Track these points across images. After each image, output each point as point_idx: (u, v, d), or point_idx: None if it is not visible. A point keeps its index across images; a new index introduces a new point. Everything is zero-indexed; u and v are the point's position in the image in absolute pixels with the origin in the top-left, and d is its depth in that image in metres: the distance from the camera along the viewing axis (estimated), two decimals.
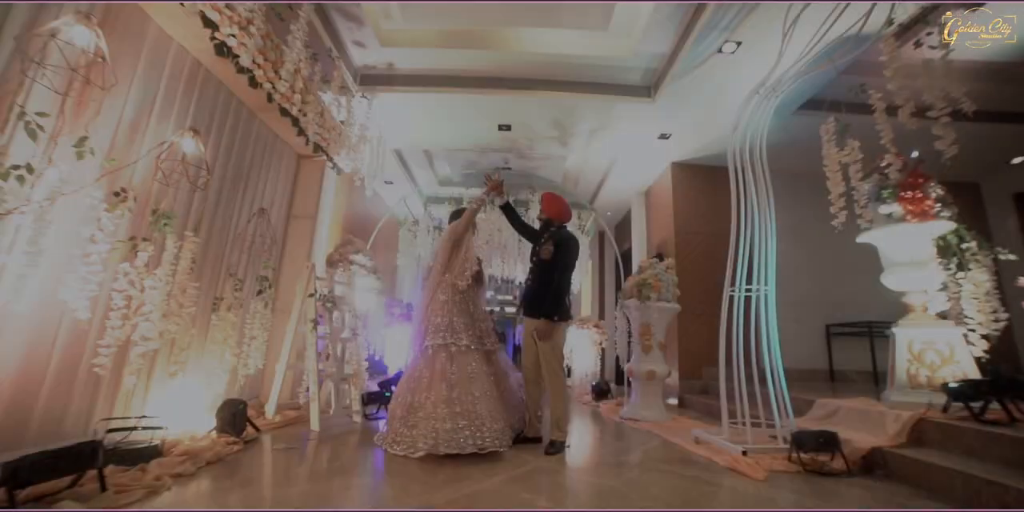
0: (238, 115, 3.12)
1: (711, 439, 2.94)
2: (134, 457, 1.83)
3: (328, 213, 4.25)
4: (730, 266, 3.32)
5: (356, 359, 3.64)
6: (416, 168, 6.73)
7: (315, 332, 3.27)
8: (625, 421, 3.98)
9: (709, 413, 4.45)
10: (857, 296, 5.71)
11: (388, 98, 4.63)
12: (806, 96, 4.50)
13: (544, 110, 4.85)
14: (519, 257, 6.64)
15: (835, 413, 2.95)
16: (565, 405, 2.85)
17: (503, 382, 2.86)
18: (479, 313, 2.91)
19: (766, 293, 3.09)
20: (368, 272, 4.52)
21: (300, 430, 3.12)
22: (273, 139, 3.65)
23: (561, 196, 3.19)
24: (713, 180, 5.93)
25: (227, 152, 3.01)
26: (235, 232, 3.05)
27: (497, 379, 2.81)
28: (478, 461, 2.42)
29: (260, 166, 3.48)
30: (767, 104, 3.26)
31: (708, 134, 5.15)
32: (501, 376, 2.88)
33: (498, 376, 2.83)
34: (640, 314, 4.11)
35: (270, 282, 2.76)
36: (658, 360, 4.14)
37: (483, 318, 2.93)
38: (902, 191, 2.72)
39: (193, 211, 2.68)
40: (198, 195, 2.70)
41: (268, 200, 3.62)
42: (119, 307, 1.85)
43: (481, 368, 2.70)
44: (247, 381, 3.43)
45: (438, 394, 2.52)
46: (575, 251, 2.98)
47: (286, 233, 3.98)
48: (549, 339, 2.87)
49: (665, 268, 4.32)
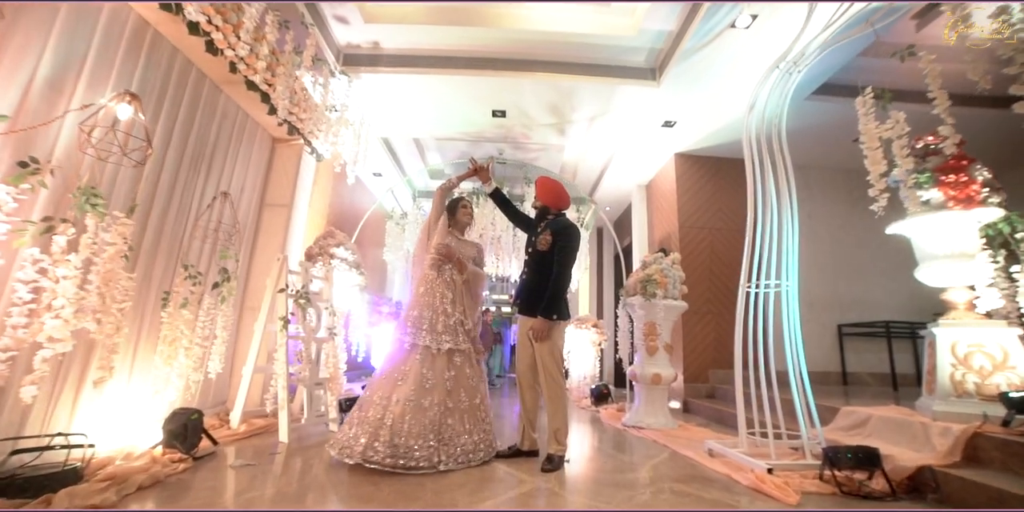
0: (199, 88, 2.78)
1: (727, 452, 2.62)
2: (38, 485, 1.49)
3: (305, 202, 3.90)
4: (747, 260, 3.02)
5: (334, 361, 3.30)
6: (406, 159, 6.39)
7: (286, 331, 2.94)
8: (628, 429, 3.67)
9: (718, 420, 4.15)
10: (870, 294, 5.43)
11: (374, 80, 4.29)
12: (822, 79, 4.20)
13: (541, 94, 4.52)
14: (515, 253, 6.31)
15: (865, 423, 2.64)
16: (564, 414, 2.53)
17: (463, 390, 2.49)
18: (443, 306, 2.55)
19: (788, 289, 2.78)
20: (351, 267, 4.18)
21: (268, 441, 2.78)
22: (243, 119, 3.30)
23: (558, 181, 2.87)
24: (718, 172, 5.63)
25: (185, 128, 2.66)
26: (194, 219, 2.70)
27: (457, 386, 2.47)
28: (464, 481, 2.10)
29: (227, 147, 3.13)
30: (788, 80, 2.95)
31: (715, 121, 4.84)
32: (460, 382, 2.49)
33: (458, 381, 2.47)
34: (645, 313, 3.80)
35: (230, 274, 2.42)
36: (664, 363, 3.83)
37: (448, 312, 2.55)
38: (942, 175, 2.41)
39: (142, 193, 2.34)
40: (147, 175, 2.36)
41: (237, 185, 3.27)
42: (23, 301, 1.51)
43: (436, 370, 2.40)
44: (212, 386, 3.09)
45: (383, 394, 2.33)
46: (576, 241, 2.66)
47: (259, 223, 3.63)
48: (547, 340, 2.54)
49: (671, 263, 4.01)
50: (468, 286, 2.67)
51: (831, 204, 5.80)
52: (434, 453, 2.21)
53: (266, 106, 3.04)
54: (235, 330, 3.40)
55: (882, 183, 2.33)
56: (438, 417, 2.30)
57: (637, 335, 3.90)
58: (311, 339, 3.17)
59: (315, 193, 4.99)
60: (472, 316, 2.62)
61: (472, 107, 4.79)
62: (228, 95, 3.04)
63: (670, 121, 4.90)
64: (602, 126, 5.06)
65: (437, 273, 2.62)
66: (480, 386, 2.60)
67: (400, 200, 6.75)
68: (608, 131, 5.16)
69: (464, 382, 2.48)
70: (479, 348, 2.68)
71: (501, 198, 2.99)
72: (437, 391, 2.35)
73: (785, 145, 2.98)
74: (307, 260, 3.92)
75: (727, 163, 5.66)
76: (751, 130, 3.15)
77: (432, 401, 2.32)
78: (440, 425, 2.29)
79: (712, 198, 5.56)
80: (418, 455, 2.17)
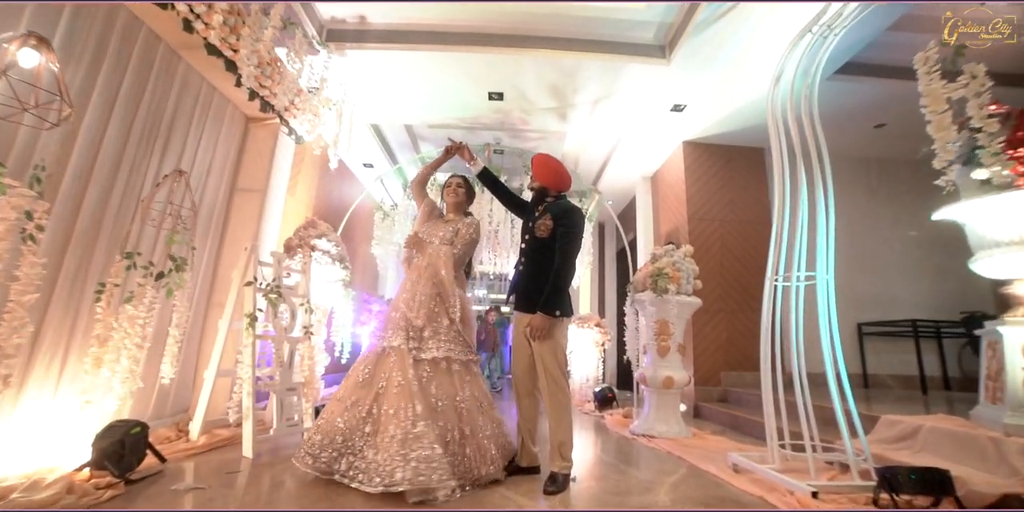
0: (149, 50, 2.42)
1: (757, 469, 2.28)
2: None
3: (281, 187, 3.55)
4: (774, 250, 2.68)
5: (309, 364, 2.95)
6: (398, 149, 6.03)
7: (253, 329, 2.59)
8: (637, 437, 3.33)
9: (733, 426, 3.81)
10: (891, 291, 5.11)
11: (360, 59, 3.93)
12: (846, 56, 3.85)
13: (541, 73, 4.17)
14: (513, 248, 5.94)
15: (913, 435, 2.30)
16: (569, 425, 2.19)
17: (415, 399, 1.99)
18: (409, 301, 2.22)
19: (825, 282, 2.44)
20: (334, 260, 3.84)
21: (231, 456, 2.43)
22: (208, 92, 2.95)
23: (556, 159, 2.52)
24: (729, 161, 5.30)
25: (132, 96, 2.31)
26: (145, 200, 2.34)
27: (416, 392, 2.01)
28: (454, 505, 1.75)
29: (189, 122, 2.78)
30: (822, 46, 2.61)
31: (728, 105, 4.50)
32: (422, 388, 2.05)
33: (420, 387, 2.04)
34: (656, 310, 3.46)
35: (179, 263, 2.08)
36: (676, 365, 3.49)
37: (405, 307, 2.20)
38: (1008, 148, 2.07)
39: (74, 167, 1.98)
40: (81, 148, 2.01)
41: (202, 166, 2.92)
42: None
43: (391, 373, 2.04)
44: (172, 393, 2.74)
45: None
46: (580, 225, 2.31)
47: (229, 209, 3.27)
48: (548, 339, 2.20)
49: (683, 255, 3.67)
50: (433, 271, 2.27)
51: (847, 196, 5.45)
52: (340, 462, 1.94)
53: (233, 77, 2.69)
54: (200, 328, 3.05)
55: (949, 152, 1.99)
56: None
57: (647, 334, 3.55)
58: (283, 339, 2.82)
59: (300, 183, 4.65)
60: (448, 310, 2.22)
61: (467, 88, 4.43)
62: (189, 63, 2.69)
63: (679, 105, 4.56)
64: (607, 110, 4.71)
65: (408, 267, 2.37)
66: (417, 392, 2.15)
67: (391, 191, 6.39)
68: (613, 116, 4.82)
69: (443, 390, 2.11)
70: (461, 348, 2.27)
71: (491, 179, 2.66)
72: (386, 394, 2.03)
73: (817, 119, 2.64)
74: (286, 252, 3.58)
75: (738, 152, 5.33)
76: (776, 104, 2.81)
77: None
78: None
79: (723, 188, 5.22)
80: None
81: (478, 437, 2.06)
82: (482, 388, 2.27)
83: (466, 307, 2.33)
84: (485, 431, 2.12)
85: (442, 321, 2.19)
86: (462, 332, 2.26)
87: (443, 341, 2.17)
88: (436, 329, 2.17)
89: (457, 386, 2.14)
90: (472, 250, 2.49)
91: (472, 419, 2.10)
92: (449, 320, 2.21)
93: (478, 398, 2.20)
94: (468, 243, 2.43)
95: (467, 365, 2.26)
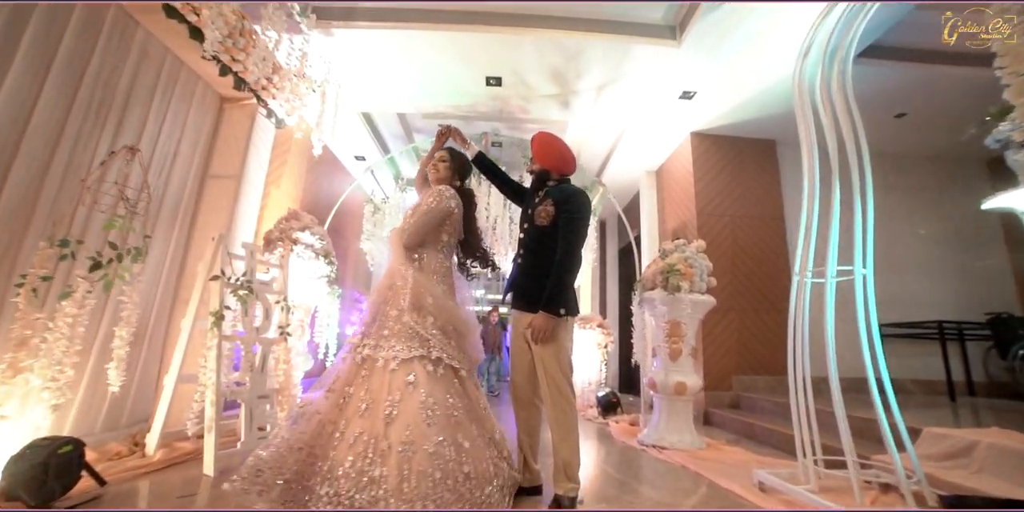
0: (96, 11, 2.12)
1: (791, 490, 2.00)
2: None
3: (259, 174, 3.26)
4: (802, 243, 2.41)
5: (285, 368, 2.66)
6: (391, 140, 5.75)
7: (218, 329, 2.29)
8: (647, 448, 3.04)
9: (748, 435, 3.53)
10: (909, 292, 4.83)
11: (349, 39, 3.63)
12: (870, 38, 3.58)
13: (542, 56, 3.89)
14: (511, 245, 5.65)
15: (967, 453, 2.02)
16: (576, 441, 1.90)
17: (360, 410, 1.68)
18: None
19: (865, 277, 2.17)
20: (318, 255, 3.54)
21: (190, 474, 2.13)
22: (175, 66, 2.65)
23: (559, 138, 2.23)
24: (740, 153, 5.03)
25: (74, 62, 2.01)
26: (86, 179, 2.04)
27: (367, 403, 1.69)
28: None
29: (150, 98, 2.48)
30: (860, 14, 2.33)
31: (741, 92, 4.22)
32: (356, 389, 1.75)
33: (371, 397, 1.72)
34: (668, 309, 3.17)
35: (121, 253, 1.77)
36: (689, 369, 3.21)
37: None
38: None
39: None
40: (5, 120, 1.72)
41: (166, 148, 2.63)
42: None
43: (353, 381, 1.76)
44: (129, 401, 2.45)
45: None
46: (586, 210, 2.01)
47: (200, 197, 2.98)
48: (550, 342, 1.91)
49: (696, 250, 3.39)
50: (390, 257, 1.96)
51: None
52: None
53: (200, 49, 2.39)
54: (165, 329, 2.75)
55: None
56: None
57: (658, 336, 3.27)
58: (255, 340, 2.53)
59: (285, 174, 4.35)
60: (400, 299, 1.86)
61: (463, 72, 4.15)
62: (148, 29, 2.39)
63: (689, 92, 4.28)
64: (611, 97, 4.43)
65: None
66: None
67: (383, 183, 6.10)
68: (618, 104, 4.53)
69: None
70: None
71: (486, 164, 2.39)
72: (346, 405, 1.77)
73: (851, 96, 2.37)
74: (266, 246, 3.29)
75: (749, 144, 5.06)
76: (804, 81, 2.54)
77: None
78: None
79: (733, 182, 4.95)
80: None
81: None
82: (442, 393, 1.75)
83: (423, 292, 1.86)
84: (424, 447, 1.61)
85: (389, 312, 1.85)
86: (416, 324, 1.80)
87: (384, 336, 1.80)
88: (383, 322, 1.84)
89: (387, 389, 1.70)
90: (436, 220, 1.97)
91: (409, 424, 1.62)
92: (397, 310, 1.81)
93: (428, 406, 1.68)
94: (424, 213, 1.94)
95: (409, 364, 1.75)
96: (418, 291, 1.85)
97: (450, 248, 2.09)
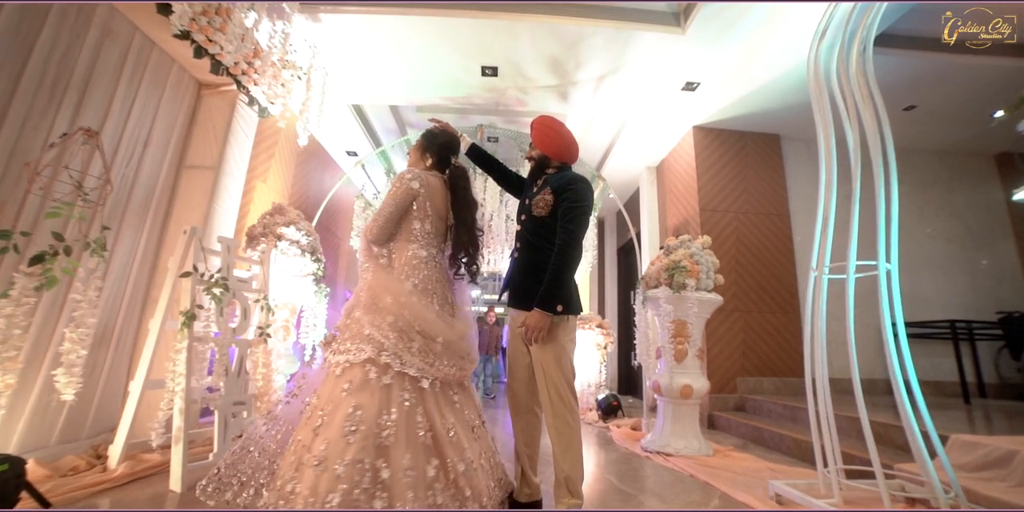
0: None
1: (811, 503, 1.83)
2: None
3: (239, 166, 3.06)
4: (819, 237, 2.25)
5: (264, 372, 2.47)
6: (384, 135, 5.57)
7: (188, 330, 2.10)
8: (651, 455, 2.88)
9: (755, 439, 3.37)
10: (918, 291, 4.69)
11: (337, 25, 3.44)
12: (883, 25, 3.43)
13: (540, 44, 3.72)
14: (507, 242, 5.48)
15: (1005, 464, 1.86)
16: (579, 452, 1.73)
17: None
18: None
19: (889, 272, 2.02)
20: (304, 252, 3.36)
21: (155, 491, 1.95)
22: (144, 47, 2.46)
23: (560, 122, 2.05)
24: (744, 148, 4.88)
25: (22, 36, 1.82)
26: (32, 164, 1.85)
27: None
28: None
29: (115, 80, 2.29)
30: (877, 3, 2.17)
31: (747, 84, 4.06)
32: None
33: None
34: (673, 308, 3.00)
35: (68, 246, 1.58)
36: (695, 371, 3.04)
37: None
38: None
39: None
40: None
41: (135, 134, 2.44)
42: None
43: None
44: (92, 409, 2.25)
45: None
46: (588, 198, 1.83)
47: (175, 189, 2.79)
48: (549, 343, 1.74)
49: (701, 247, 3.23)
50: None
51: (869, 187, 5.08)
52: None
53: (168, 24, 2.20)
54: (134, 330, 2.56)
55: None
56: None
57: (662, 337, 3.10)
58: (230, 342, 2.34)
59: (272, 169, 4.17)
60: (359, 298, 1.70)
61: (457, 62, 3.97)
62: (114, 7, 2.20)
63: (692, 83, 4.12)
64: (612, 88, 4.27)
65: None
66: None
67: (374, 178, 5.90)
68: (619, 95, 4.37)
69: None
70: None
71: (479, 154, 2.22)
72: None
73: (873, 80, 2.22)
74: (249, 242, 3.11)
75: (753, 138, 4.91)
76: (819, 65, 2.38)
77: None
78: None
79: (736, 178, 4.80)
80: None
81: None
82: (376, 407, 1.48)
83: (381, 291, 1.65)
84: (334, 466, 1.40)
85: (354, 314, 1.66)
86: (369, 324, 1.59)
87: (343, 339, 1.63)
88: (349, 324, 1.66)
89: (328, 396, 1.52)
90: (398, 208, 1.76)
91: (328, 438, 1.42)
92: (360, 312, 1.64)
93: (354, 419, 1.44)
94: (389, 197, 1.76)
95: (352, 369, 1.54)
96: (375, 290, 1.65)
97: (430, 236, 1.81)
